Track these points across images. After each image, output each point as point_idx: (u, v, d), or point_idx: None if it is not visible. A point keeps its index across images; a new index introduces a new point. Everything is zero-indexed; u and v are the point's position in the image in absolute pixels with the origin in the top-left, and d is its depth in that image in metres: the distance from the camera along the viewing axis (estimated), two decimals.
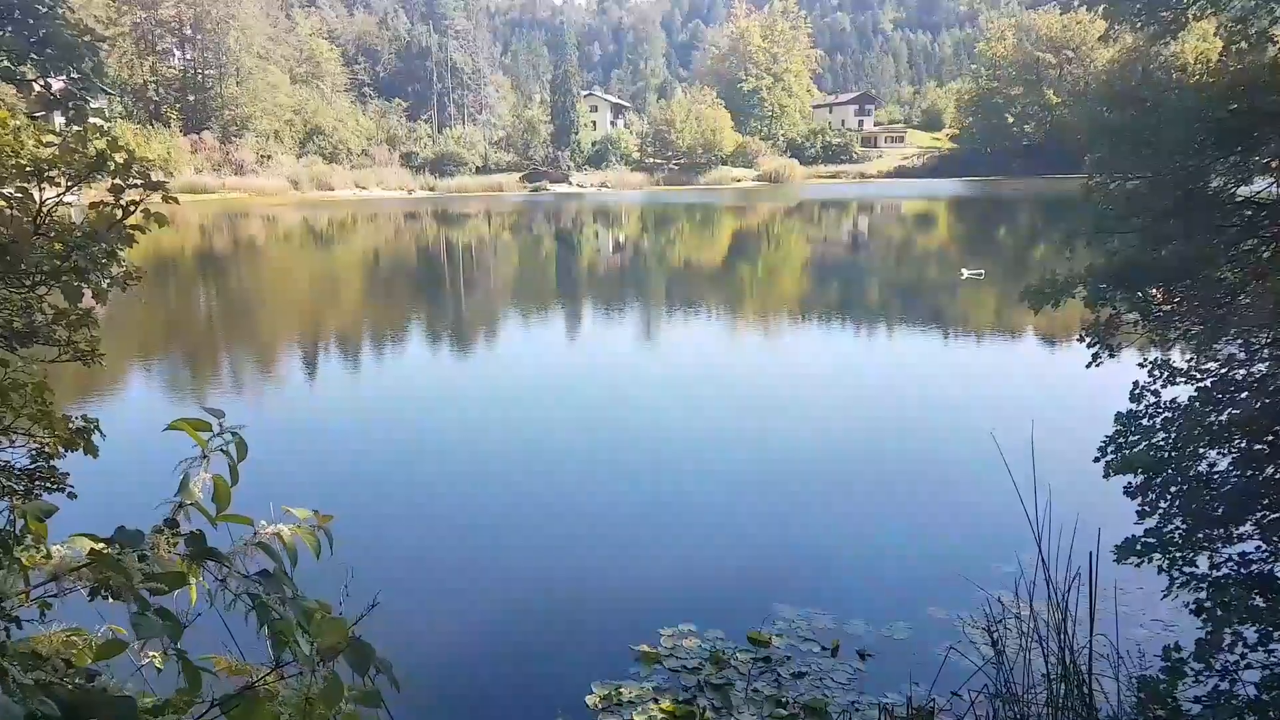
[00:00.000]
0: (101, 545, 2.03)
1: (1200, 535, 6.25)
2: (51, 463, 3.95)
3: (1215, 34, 8.36)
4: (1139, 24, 7.26)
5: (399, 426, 15.64)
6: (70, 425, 3.68)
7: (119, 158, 3.44)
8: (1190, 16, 7.19)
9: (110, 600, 1.95)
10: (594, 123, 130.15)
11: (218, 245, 51.06)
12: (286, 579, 2.16)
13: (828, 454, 13.92)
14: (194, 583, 2.09)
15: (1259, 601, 5.82)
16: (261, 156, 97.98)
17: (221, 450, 2.25)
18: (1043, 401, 15.97)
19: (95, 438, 3.80)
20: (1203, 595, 6.26)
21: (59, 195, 3.62)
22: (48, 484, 3.99)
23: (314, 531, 2.38)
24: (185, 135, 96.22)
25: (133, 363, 19.84)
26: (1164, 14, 7.02)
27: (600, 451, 14.13)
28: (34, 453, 3.98)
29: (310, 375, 20.05)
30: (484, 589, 9.53)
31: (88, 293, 3.70)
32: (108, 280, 3.73)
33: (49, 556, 2.27)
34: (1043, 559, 6.30)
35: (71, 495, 4.13)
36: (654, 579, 9.74)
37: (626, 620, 8.69)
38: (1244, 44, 7.46)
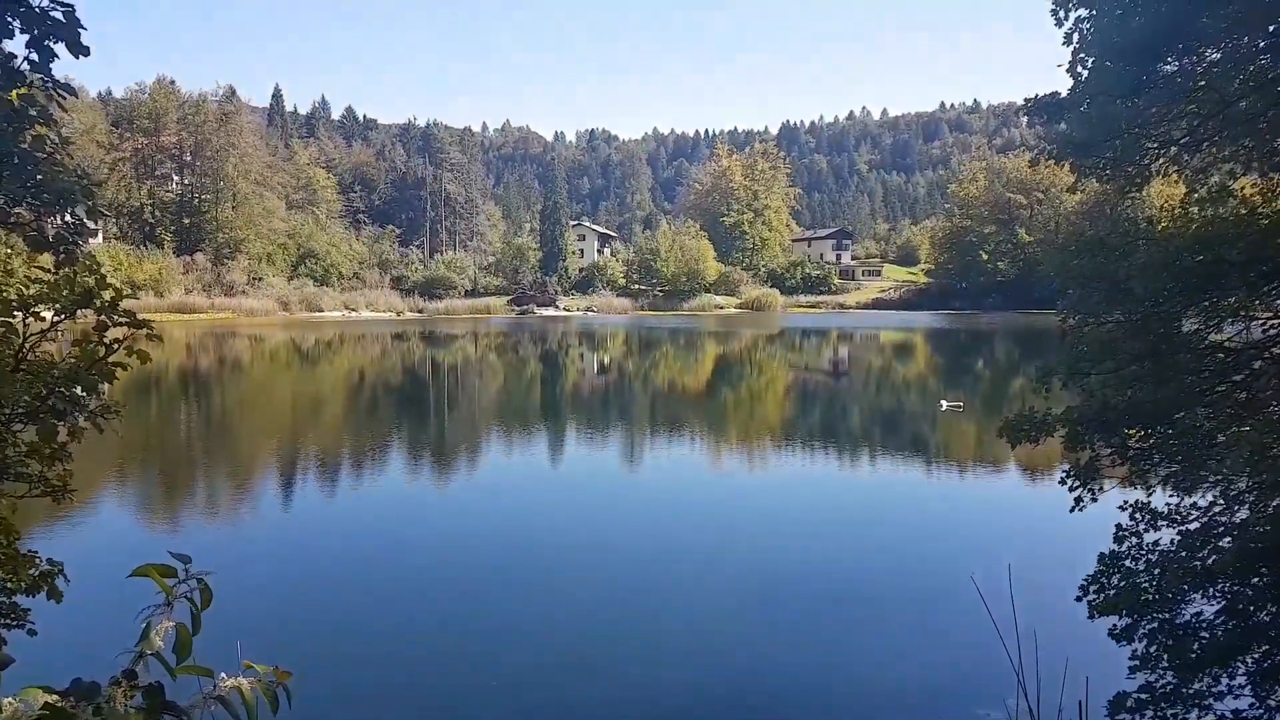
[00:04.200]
0: (56, 698, 1.95)
1: (1191, 690, 6.09)
2: (13, 599, 3.79)
3: (1178, 182, 8.75)
4: (1105, 178, 7.63)
5: (372, 561, 15.25)
6: (34, 569, 3.55)
7: (106, 295, 3.46)
8: (1153, 171, 7.56)
9: None
10: (581, 250, 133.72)
11: (202, 364, 51.04)
12: None
13: (807, 591, 13.60)
14: None
15: None
16: (252, 278, 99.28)
17: (186, 598, 2.20)
18: (1024, 538, 15.88)
19: (59, 581, 3.67)
20: None
21: (43, 331, 3.62)
22: (7, 620, 3.81)
23: (272, 689, 2.29)
24: (178, 256, 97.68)
25: (105, 489, 19.44)
26: (1128, 169, 7.38)
27: (578, 583, 13.77)
28: None
29: (286, 504, 19.67)
30: None
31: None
32: (85, 417, 3.68)
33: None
34: (1030, 708, 6.10)
35: (31, 632, 3.95)
36: (632, 715, 9.34)
37: None
38: (1204, 193, 7.82)
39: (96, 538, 15.75)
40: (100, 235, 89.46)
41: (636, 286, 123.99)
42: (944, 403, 32.48)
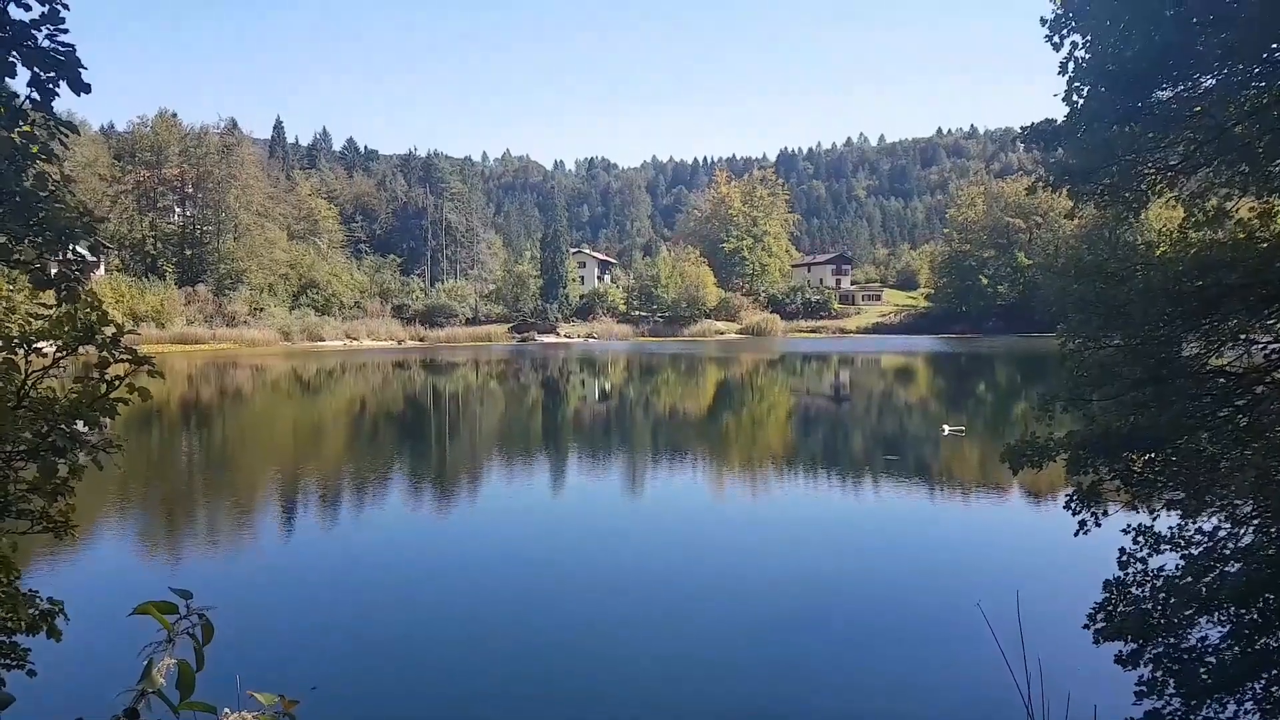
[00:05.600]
0: None
1: (1198, 717, 6.01)
2: (13, 638, 3.76)
3: (1175, 206, 8.76)
4: (1102, 204, 7.66)
5: (375, 590, 15.16)
6: (34, 608, 3.52)
7: (108, 331, 3.48)
8: (1150, 196, 7.59)
9: None
10: (581, 278, 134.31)
11: (204, 395, 51.02)
12: None
13: (809, 619, 13.48)
14: None
15: None
16: (254, 308, 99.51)
17: (188, 634, 2.19)
18: (1030, 564, 15.77)
19: (59, 620, 3.64)
20: None
21: (45, 368, 3.63)
22: (6, 661, 3.77)
23: (278, 718, 2.29)
24: (180, 287, 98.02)
25: (107, 523, 19.36)
26: (1125, 194, 7.41)
27: (582, 609, 13.66)
28: None
29: (288, 535, 19.58)
30: None
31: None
32: (86, 453, 3.67)
33: None
34: None
35: (31, 673, 3.91)
36: None
37: None
38: (1201, 217, 7.84)
39: (98, 574, 15.64)
40: (103, 267, 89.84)
41: (637, 313, 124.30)
42: (946, 428, 32.39)
